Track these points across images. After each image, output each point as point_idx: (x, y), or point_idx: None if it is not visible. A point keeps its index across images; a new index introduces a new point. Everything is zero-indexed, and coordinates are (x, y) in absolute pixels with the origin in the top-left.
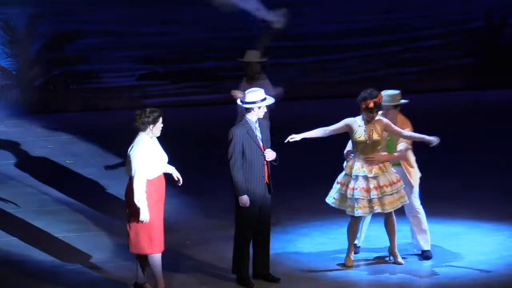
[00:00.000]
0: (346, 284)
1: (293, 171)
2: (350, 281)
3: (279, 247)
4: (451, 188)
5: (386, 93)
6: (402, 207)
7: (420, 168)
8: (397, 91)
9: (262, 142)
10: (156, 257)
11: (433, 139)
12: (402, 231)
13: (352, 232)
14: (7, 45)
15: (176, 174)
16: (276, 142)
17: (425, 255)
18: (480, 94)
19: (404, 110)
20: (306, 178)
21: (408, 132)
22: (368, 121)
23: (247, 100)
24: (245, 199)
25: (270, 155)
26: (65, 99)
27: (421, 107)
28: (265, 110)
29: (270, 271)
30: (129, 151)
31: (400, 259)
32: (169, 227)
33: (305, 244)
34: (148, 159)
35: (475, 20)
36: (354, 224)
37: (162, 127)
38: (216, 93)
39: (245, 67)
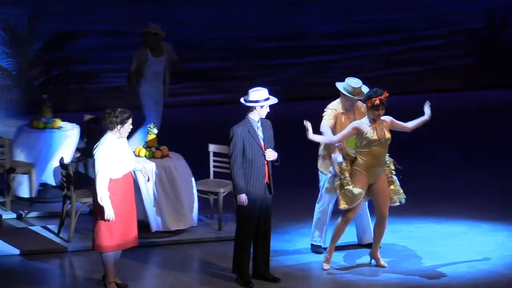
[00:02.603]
0: (346, 284)
1: (294, 171)
2: (350, 281)
3: (279, 247)
4: (451, 188)
5: (349, 81)
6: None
7: (421, 168)
8: (357, 85)
9: (264, 142)
10: (107, 255)
11: (427, 115)
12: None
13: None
14: (7, 45)
15: (145, 172)
16: (277, 142)
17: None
18: (480, 94)
19: (405, 110)
20: (307, 178)
21: (410, 123)
22: (374, 120)
23: (250, 99)
24: (243, 198)
25: (271, 155)
26: (65, 99)
27: (421, 107)
28: (268, 110)
29: (270, 271)
30: (93, 151)
31: (383, 262)
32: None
33: (305, 244)
34: (111, 158)
35: (476, 20)
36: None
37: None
38: (216, 93)
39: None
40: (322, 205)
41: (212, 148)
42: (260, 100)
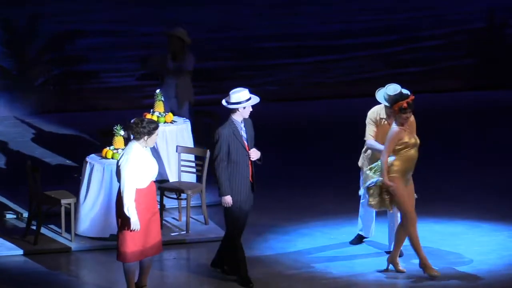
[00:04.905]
0: (346, 284)
1: (293, 171)
2: (350, 282)
3: (279, 247)
4: (452, 188)
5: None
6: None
7: (420, 168)
8: (394, 92)
9: (247, 142)
10: (129, 266)
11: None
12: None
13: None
14: (7, 45)
15: None
16: (277, 142)
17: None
18: (481, 95)
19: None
20: (307, 178)
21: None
22: (402, 124)
23: (232, 101)
24: (227, 199)
25: (254, 155)
26: (65, 99)
27: (421, 107)
28: (251, 109)
29: (269, 271)
30: (119, 160)
31: (401, 268)
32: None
33: (305, 244)
34: (138, 168)
35: (477, 20)
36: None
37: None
38: (216, 93)
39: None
40: (363, 199)
41: (179, 149)
42: (242, 101)
